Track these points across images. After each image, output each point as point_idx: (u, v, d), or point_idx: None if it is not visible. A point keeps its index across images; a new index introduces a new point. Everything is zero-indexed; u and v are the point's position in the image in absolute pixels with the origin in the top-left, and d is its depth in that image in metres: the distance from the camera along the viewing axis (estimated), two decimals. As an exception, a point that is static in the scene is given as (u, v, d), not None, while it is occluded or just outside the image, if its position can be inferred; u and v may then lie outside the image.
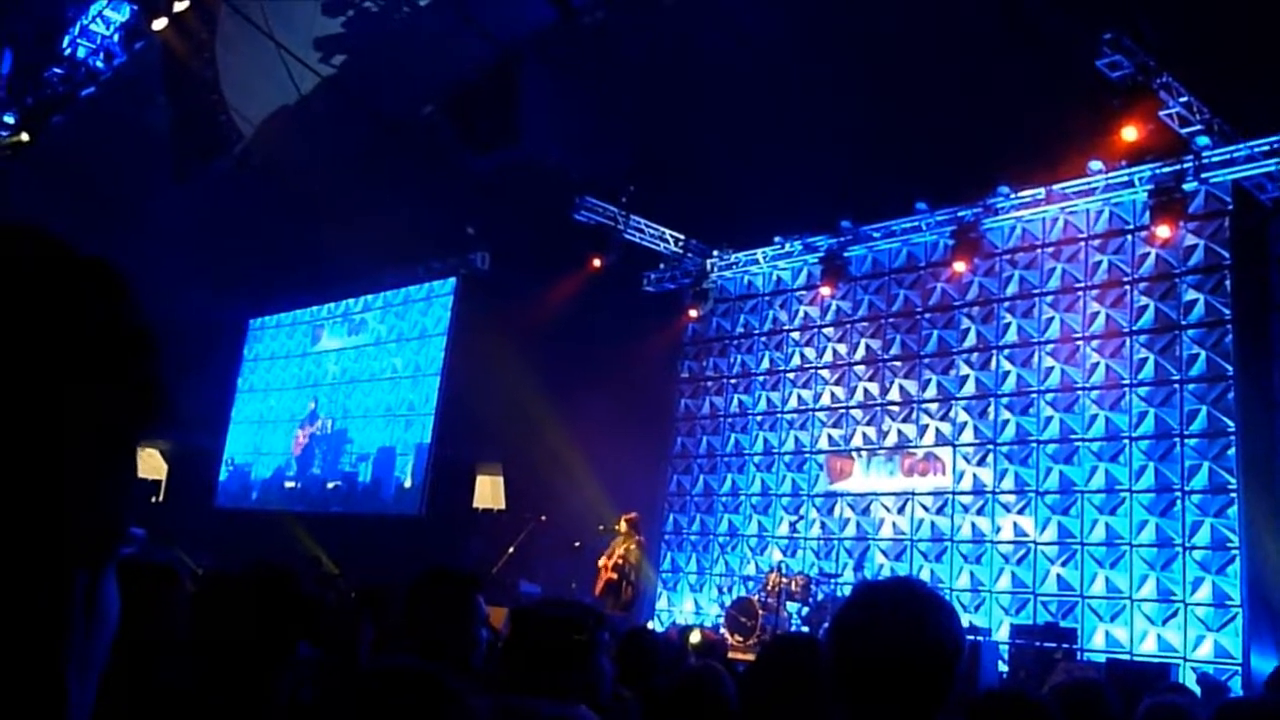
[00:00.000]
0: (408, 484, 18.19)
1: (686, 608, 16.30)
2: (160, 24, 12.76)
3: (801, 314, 16.36)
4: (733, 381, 16.97)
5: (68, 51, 14.22)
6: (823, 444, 15.54)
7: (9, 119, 14.72)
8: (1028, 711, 1.94)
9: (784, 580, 13.38)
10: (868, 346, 15.37)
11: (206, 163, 14.55)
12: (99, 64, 14.24)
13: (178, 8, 12.59)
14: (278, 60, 13.59)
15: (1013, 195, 13.76)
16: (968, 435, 14.03)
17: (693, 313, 17.07)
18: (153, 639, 2.28)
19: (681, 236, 16.85)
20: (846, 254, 15.49)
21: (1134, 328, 12.79)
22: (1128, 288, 12.98)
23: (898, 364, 14.94)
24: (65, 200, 16.08)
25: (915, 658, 1.86)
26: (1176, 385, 12.30)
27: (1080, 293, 13.37)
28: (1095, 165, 12.92)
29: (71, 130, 15.31)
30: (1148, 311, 12.72)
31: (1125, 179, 12.82)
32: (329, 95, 14.88)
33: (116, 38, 13.95)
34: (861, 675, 1.88)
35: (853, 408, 15.33)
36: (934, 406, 14.43)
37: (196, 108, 14.06)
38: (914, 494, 14.34)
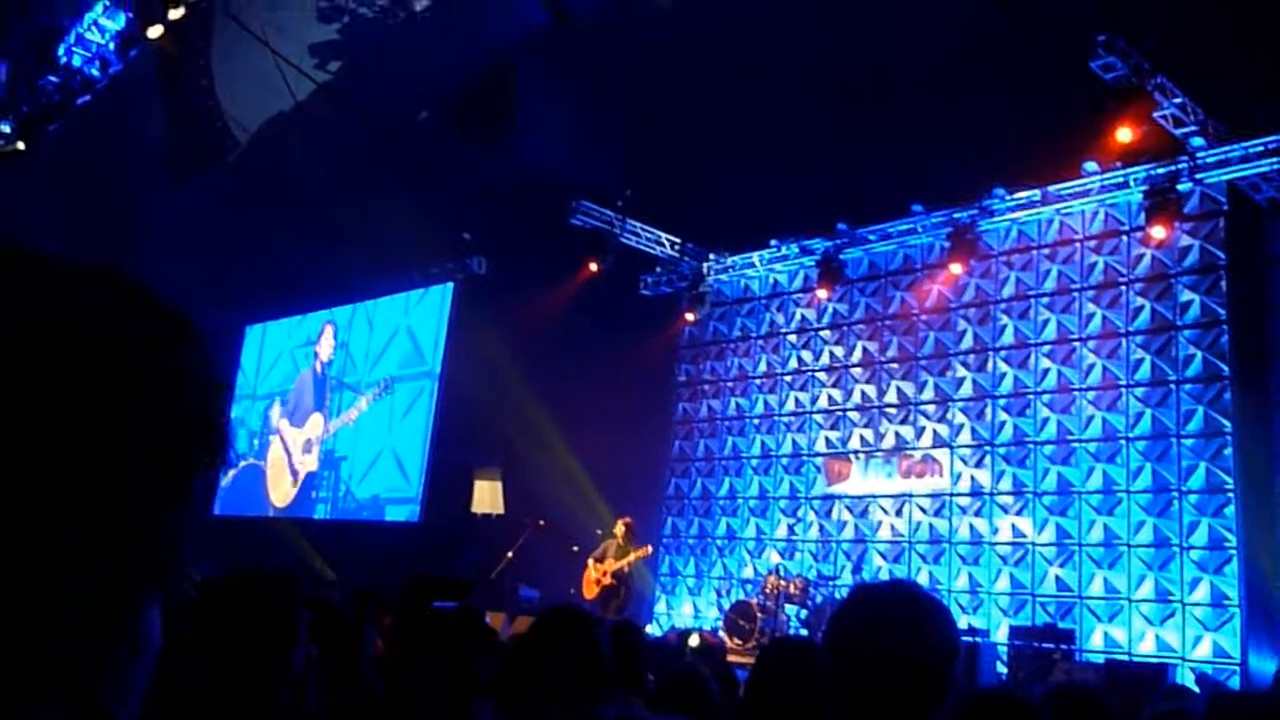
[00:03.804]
0: (406, 489, 18.17)
1: (685, 611, 16.30)
2: (156, 32, 12.73)
3: (798, 317, 16.38)
4: (730, 384, 16.98)
5: (64, 60, 14.19)
6: (820, 446, 15.55)
7: (5, 127, 14.71)
8: (1015, 712, 1.95)
9: (782, 583, 13.38)
10: (864, 349, 15.38)
11: (202, 170, 14.54)
12: (95, 72, 14.21)
13: (173, 15, 12.57)
14: (273, 67, 13.61)
15: (1008, 197, 13.78)
16: (965, 437, 14.04)
17: (689, 316, 17.08)
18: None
19: (678, 240, 16.86)
20: (843, 256, 15.51)
21: (1130, 328, 12.81)
22: (1123, 288, 13.01)
23: (894, 366, 14.96)
24: (61, 208, 16.07)
25: (909, 660, 1.87)
26: (1173, 386, 12.32)
27: (1076, 294, 13.39)
28: (1090, 166, 12.96)
29: (68, 138, 15.30)
30: (1144, 312, 12.74)
31: (1120, 180, 12.84)
32: (324, 102, 14.89)
33: (112, 46, 13.92)
34: (856, 678, 1.89)
35: (850, 410, 15.35)
36: (931, 408, 14.45)
37: (192, 115, 14.06)
38: (912, 496, 14.35)
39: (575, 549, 14.28)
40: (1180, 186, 12.14)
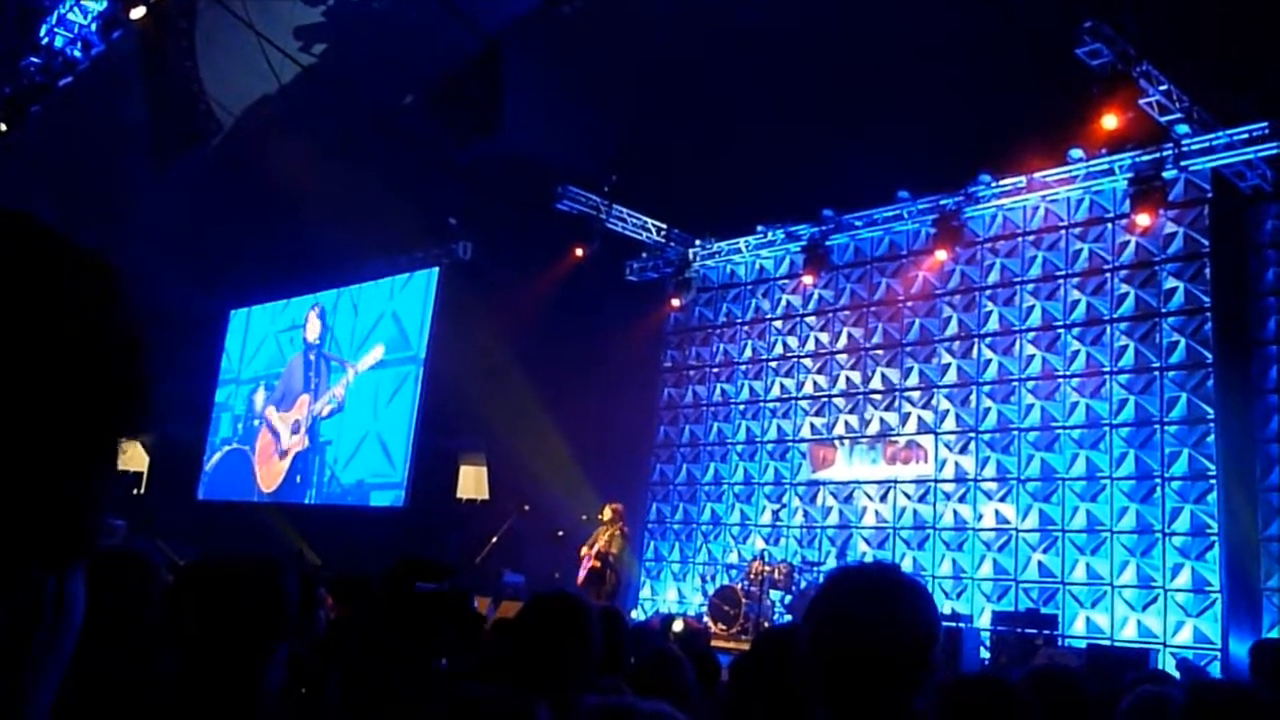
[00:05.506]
0: (391, 474, 18.15)
1: (670, 596, 16.33)
2: (138, 13, 12.62)
3: (784, 303, 16.38)
4: (715, 370, 16.99)
5: (45, 41, 14.08)
6: (805, 432, 15.58)
7: (-14, 109, 14.61)
8: (999, 695, 1.95)
9: (767, 568, 13.41)
10: (850, 335, 15.40)
11: (185, 153, 14.43)
12: (77, 54, 14.10)
13: (156, -4, 12.48)
14: (258, 50, 13.49)
15: (994, 184, 13.80)
16: (949, 423, 14.08)
17: (675, 302, 17.07)
18: (124, 628, 2.26)
19: (664, 225, 16.84)
20: (829, 242, 15.52)
21: (1114, 315, 12.85)
22: (1108, 275, 13.04)
23: (880, 352, 14.98)
24: (44, 191, 15.96)
25: (889, 643, 1.86)
26: (1156, 372, 12.37)
27: (1061, 280, 13.42)
28: (1075, 153, 12.98)
29: (49, 120, 15.19)
30: (1128, 299, 12.78)
31: (1105, 167, 12.86)
32: (310, 85, 14.79)
33: (94, 27, 13.80)
34: (837, 662, 1.88)
35: (835, 396, 15.37)
36: (916, 394, 14.48)
37: (175, 98, 13.93)
38: (896, 482, 14.39)
39: (560, 534, 14.29)
40: (1165, 174, 12.17)
